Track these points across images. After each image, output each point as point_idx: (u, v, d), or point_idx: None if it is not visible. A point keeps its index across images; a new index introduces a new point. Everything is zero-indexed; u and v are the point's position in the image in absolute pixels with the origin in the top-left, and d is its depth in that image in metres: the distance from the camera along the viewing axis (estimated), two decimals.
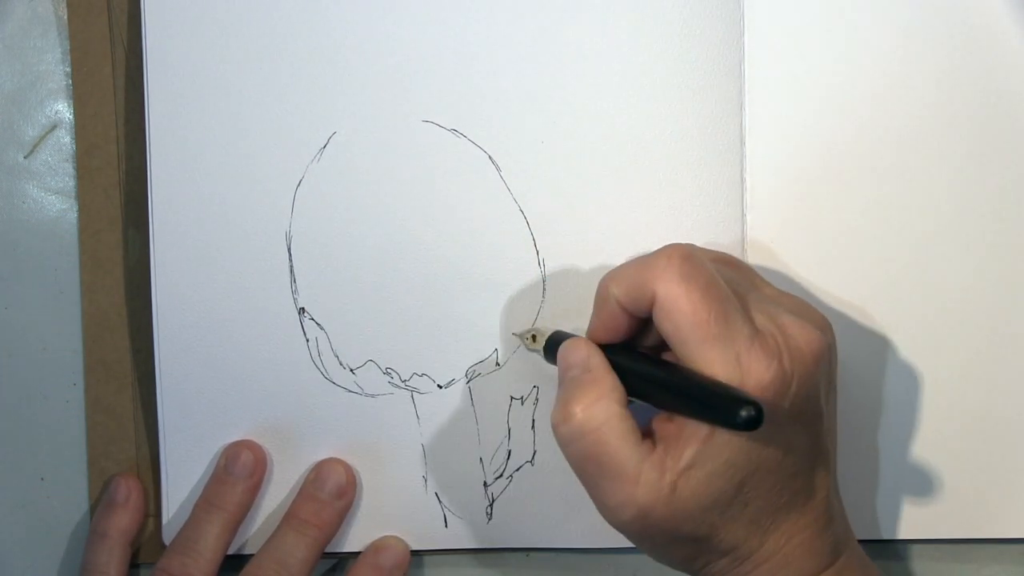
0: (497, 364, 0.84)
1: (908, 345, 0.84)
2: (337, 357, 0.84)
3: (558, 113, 0.83)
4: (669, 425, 0.71)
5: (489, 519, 0.85)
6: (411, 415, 0.84)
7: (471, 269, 0.83)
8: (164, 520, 0.85)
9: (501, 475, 0.84)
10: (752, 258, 0.83)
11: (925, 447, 0.85)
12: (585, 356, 0.74)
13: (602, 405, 0.71)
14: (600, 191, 0.83)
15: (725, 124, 0.83)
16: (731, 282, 0.73)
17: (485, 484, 0.85)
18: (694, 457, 0.69)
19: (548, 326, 0.82)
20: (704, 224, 0.83)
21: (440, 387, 0.84)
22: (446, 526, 0.85)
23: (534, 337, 0.81)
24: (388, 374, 0.84)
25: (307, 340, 0.84)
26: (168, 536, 0.84)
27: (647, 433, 0.72)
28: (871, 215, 0.83)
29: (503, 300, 0.83)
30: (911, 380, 0.84)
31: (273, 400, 0.84)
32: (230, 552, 0.83)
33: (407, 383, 0.84)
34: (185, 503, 0.84)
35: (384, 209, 0.83)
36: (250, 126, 0.83)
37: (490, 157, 0.83)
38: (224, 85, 0.83)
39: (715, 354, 0.69)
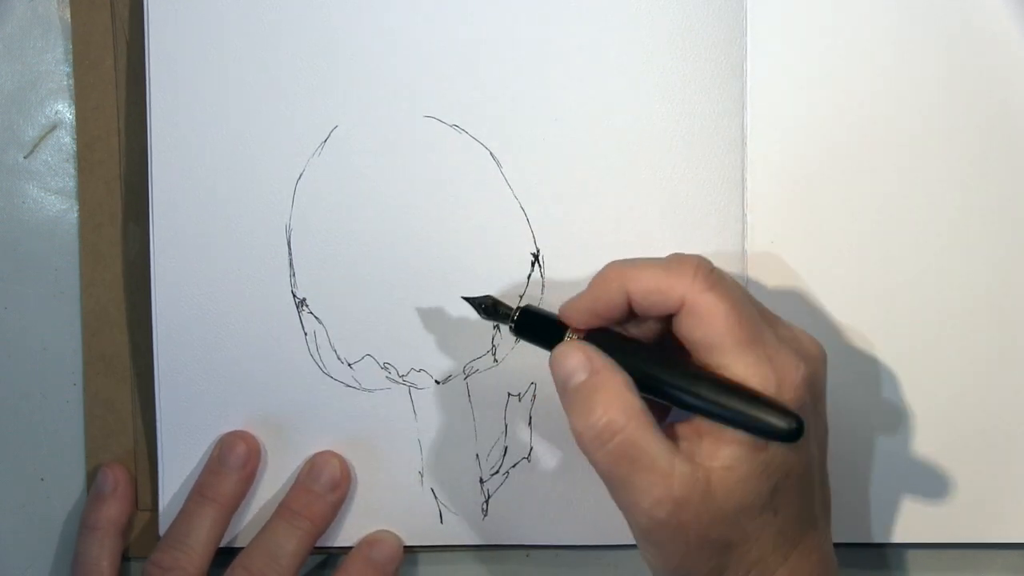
0: (495, 360, 0.84)
1: (908, 345, 0.84)
2: (335, 351, 0.84)
3: (560, 110, 0.83)
4: (691, 423, 0.70)
5: (485, 515, 0.85)
6: (408, 410, 0.84)
7: (471, 265, 0.83)
8: (160, 512, 0.85)
9: (497, 471, 0.84)
10: (752, 258, 0.83)
11: (924, 450, 0.85)
12: (584, 358, 0.72)
13: (622, 403, 0.70)
14: (600, 189, 0.83)
15: (726, 124, 0.83)
16: (748, 294, 0.73)
17: (481, 480, 0.84)
18: (731, 458, 0.69)
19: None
20: (704, 224, 0.83)
21: (438, 383, 0.84)
22: (442, 522, 0.85)
23: (492, 307, 0.79)
24: (386, 369, 0.84)
25: (305, 334, 0.84)
26: (164, 528, 0.84)
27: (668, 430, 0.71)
28: (871, 216, 0.83)
29: (502, 296, 0.83)
30: (911, 381, 0.84)
31: (271, 394, 0.84)
32: (222, 544, 0.83)
33: (405, 378, 0.84)
34: (181, 495, 0.84)
35: (384, 204, 0.83)
36: (251, 120, 0.83)
37: (491, 153, 0.83)
38: (225, 79, 0.83)
39: (750, 357, 0.69)
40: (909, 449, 0.84)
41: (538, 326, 0.76)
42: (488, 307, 0.79)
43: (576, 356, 0.72)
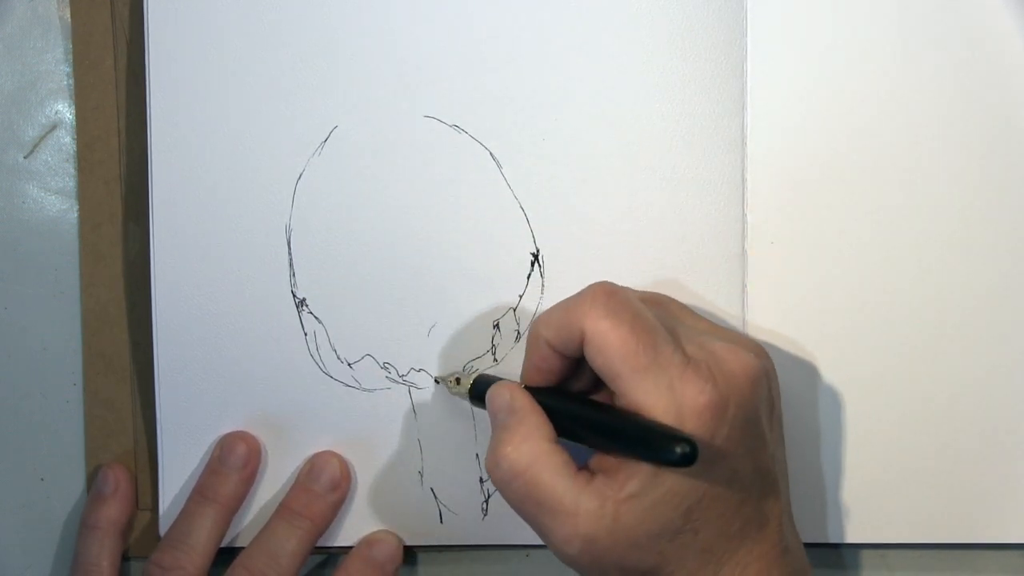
0: (495, 360, 0.84)
1: (908, 346, 0.84)
2: (335, 351, 0.84)
3: (559, 111, 0.83)
4: (607, 458, 0.71)
5: (485, 515, 0.85)
6: (408, 410, 0.84)
7: (470, 265, 0.83)
8: (161, 512, 0.85)
9: None
10: (752, 258, 0.83)
11: (924, 451, 0.84)
12: (508, 399, 0.74)
13: (530, 444, 0.71)
14: (600, 189, 0.83)
15: (726, 124, 0.83)
16: (659, 318, 0.73)
17: (481, 480, 0.84)
18: (637, 487, 0.69)
19: (474, 370, 0.83)
20: (704, 224, 0.83)
21: (438, 383, 0.84)
22: (441, 522, 0.85)
23: (458, 380, 0.82)
24: (386, 369, 0.84)
25: (305, 333, 0.84)
26: (164, 529, 0.84)
27: (585, 469, 0.72)
28: (871, 216, 0.83)
29: (502, 296, 0.83)
30: (910, 381, 0.84)
31: (271, 394, 0.84)
32: (223, 544, 0.83)
33: (404, 378, 0.84)
34: (182, 495, 0.84)
35: (384, 204, 0.83)
36: (251, 119, 0.83)
37: (491, 153, 0.83)
38: (225, 78, 0.83)
39: (648, 383, 0.69)
40: (908, 450, 0.84)
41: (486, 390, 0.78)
42: (452, 383, 0.82)
43: (503, 396, 0.74)
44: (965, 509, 0.85)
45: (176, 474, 0.85)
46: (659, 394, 0.69)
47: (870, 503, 0.84)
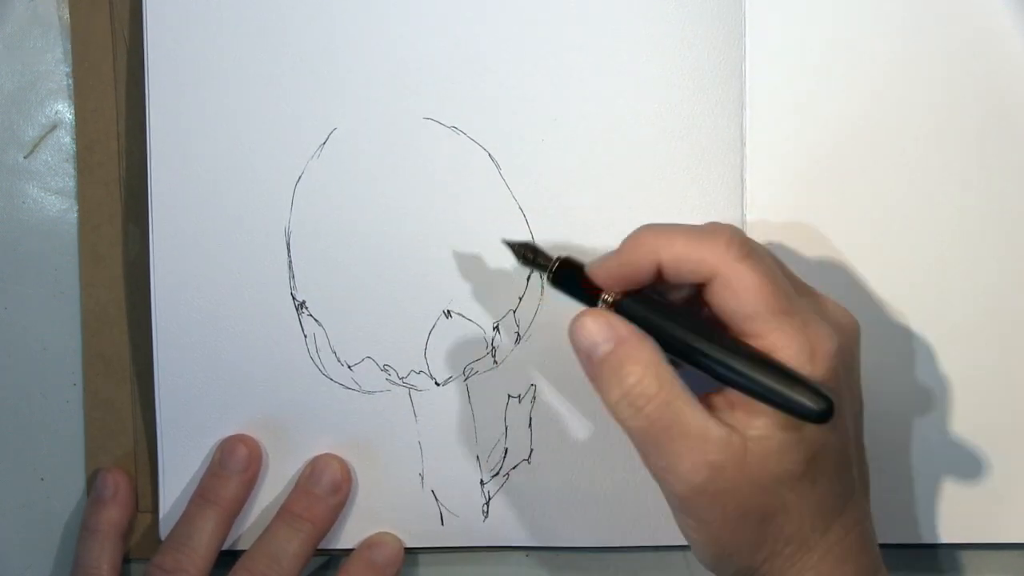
0: (495, 362, 0.84)
1: (908, 346, 0.84)
2: (335, 353, 0.84)
3: (558, 112, 0.83)
4: (724, 395, 0.70)
5: (485, 517, 0.85)
6: (408, 412, 0.84)
7: (470, 266, 0.83)
8: (161, 515, 0.85)
9: (498, 473, 0.84)
10: None
11: (924, 451, 0.85)
12: (608, 328, 0.71)
13: (653, 370, 0.69)
14: (599, 190, 0.83)
15: (726, 125, 0.83)
16: (779, 262, 0.73)
17: (482, 482, 0.84)
18: (764, 428, 0.68)
19: (551, 251, 0.78)
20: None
21: (437, 384, 0.84)
22: (442, 524, 0.85)
23: (530, 256, 0.77)
24: (386, 371, 0.84)
25: (305, 336, 0.84)
26: (165, 531, 0.84)
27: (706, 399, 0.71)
28: (871, 216, 0.83)
29: (502, 298, 0.83)
30: (910, 382, 0.84)
31: (270, 396, 0.84)
32: (224, 547, 0.83)
33: (404, 380, 0.84)
34: (182, 498, 0.84)
35: (383, 206, 0.83)
36: (250, 122, 0.83)
37: (490, 155, 0.83)
38: (224, 81, 0.83)
39: (785, 327, 0.68)
40: (908, 451, 0.85)
41: (574, 283, 0.74)
42: (527, 255, 0.77)
43: (598, 327, 0.71)
44: (965, 509, 0.85)
45: (176, 476, 0.85)
46: (794, 335, 0.68)
47: (870, 504, 0.84)
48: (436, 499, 0.85)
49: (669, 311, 0.72)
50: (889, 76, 0.83)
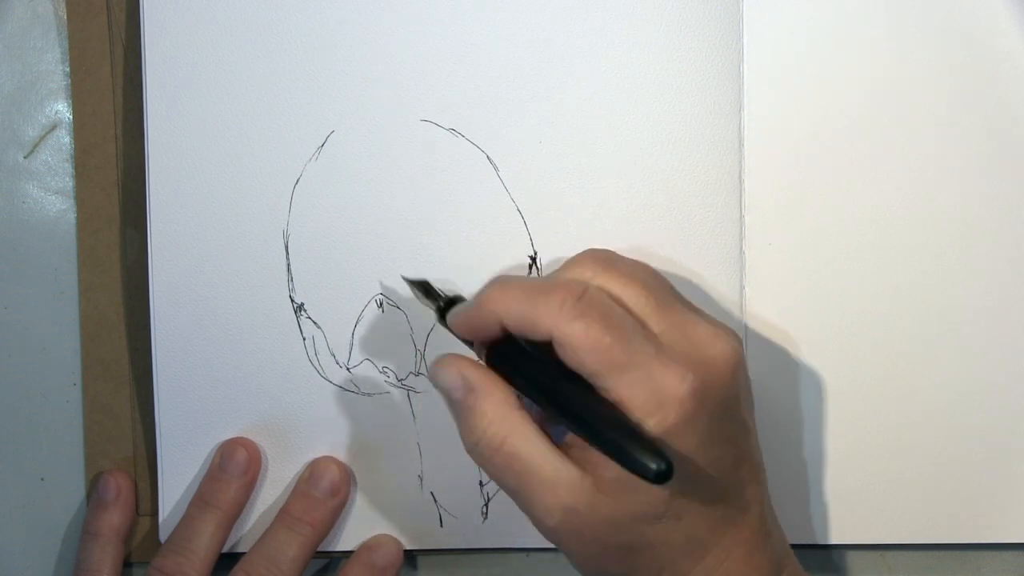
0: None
1: (907, 346, 0.84)
2: (334, 355, 0.84)
3: (556, 113, 0.83)
4: None
5: (485, 518, 0.85)
6: (407, 414, 0.84)
7: (468, 268, 0.83)
8: (161, 518, 0.85)
9: None
10: (750, 260, 0.83)
11: (923, 451, 0.85)
12: (457, 376, 0.72)
13: (500, 418, 0.71)
14: (598, 192, 0.83)
15: (723, 126, 0.83)
16: (644, 291, 0.72)
17: (481, 483, 0.85)
18: (616, 470, 0.67)
19: (449, 288, 0.80)
20: (701, 226, 0.83)
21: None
22: (441, 525, 0.85)
23: (427, 292, 0.79)
24: (384, 373, 0.84)
25: (304, 338, 0.84)
26: (165, 534, 0.84)
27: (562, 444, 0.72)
28: (869, 217, 0.83)
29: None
30: (910, 381, 0.84)
31: (269, 399, 0.84)
32: (224, 550, 0.83)
33: (403, 382, 0.84)
34: (182, 501, 0.84)
35: (382, 208, 0.83)
36: (248, 125, 0.83)
37: (488, 157, 0.83)
38: (222, 84, 0.83)
39: (627, 378, 0.68)
40: (908, 450, 0.85)
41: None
42: (423, 291, 0.79)
43: (447, 375, 0.73)
44: (965, 509, 0.85)
45: (176, 480, 0.85)
46: (639, 387, 0.68)
47: (870, 504, 0.85)
48: (435, 501, 0.85)
49: (532, 360, 0.72)
50: (887, 77, 0.83)
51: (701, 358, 0.70)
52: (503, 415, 0.71)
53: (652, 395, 0.68)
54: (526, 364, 0.72)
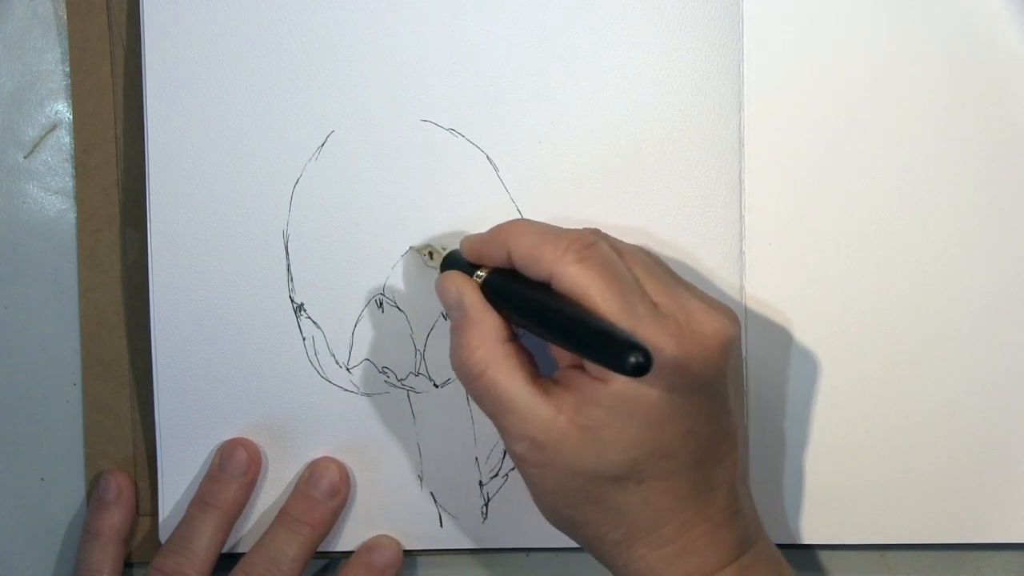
0: None
1: (907, 346, 0.84)
2: (333, 356, 0.84)
3: (556, 113, 0.83)
4: (574, 375, 0.72)
5: (484, 519, 0.85)
6: (407, 414, 0.84)
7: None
8: (161, 519, 0.85)
9: (497, 474, 0.84)
10: (750, 260, 0.83)
11: (923, 451, 0.84)
12: (455, 296, 0.75)
13: (484, 348, 0.73)
14: (598, 191, 0.83)
15: (723, 126, 0.83)
16: (646, 264, 0.74)
17: (481, 483, 0.85)
18: (590, 419, 0.70)
19: (447, 244, 0.82)
20: (702, 225, 0.83)
21: (436, 386, 0.84)
22: (441, 526, 0.85)
23: (431, 254, 0.82)
24: (384, 373, 0.84)
25: (303, 339, 0.84)
26: (164, 534, 0.84)
27: (549, 379, 0.73)
28: (869, 216, 0.83)
29: None
30: (909, 381, 0.84)
31: (269, 399, 0.84)
32: (224, 550, 0.83)
33: (403, 382, 0.84)
34: (182, 501, 0.84)
35: (382, 208, 0.83)
36: (248, 125, 0.83)
37: (488, 157, 0.83)
38: (222, 84, 0.83)
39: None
40: (908, 450, 0.84)
41: (462, 261, 0.77)
42: (429, 254, 0.82)
43: (450, 292, 0.76)
44: (965, 509, 0.85)
45: (176, 480, 0.85)
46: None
47: (870, 503, 0.85)
48: (435, 501, 0.85)
49: (524, 283, 0.74)
50: (887, 76, 0.83)
51: (691, 332, 0.71)
52: (488, 345, 0.73)
53: None
54: (517, 287, 0.74)
